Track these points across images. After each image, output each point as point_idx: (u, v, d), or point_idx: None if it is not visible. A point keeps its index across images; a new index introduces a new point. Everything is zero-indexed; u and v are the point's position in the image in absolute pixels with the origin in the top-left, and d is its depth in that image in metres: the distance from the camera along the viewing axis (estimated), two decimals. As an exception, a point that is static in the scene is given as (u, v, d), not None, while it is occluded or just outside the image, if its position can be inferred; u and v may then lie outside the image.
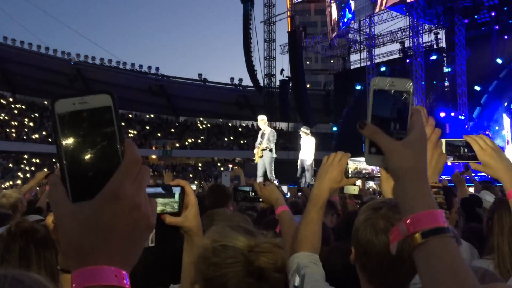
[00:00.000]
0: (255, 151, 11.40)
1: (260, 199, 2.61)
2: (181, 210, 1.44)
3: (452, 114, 25.42)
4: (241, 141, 44.61)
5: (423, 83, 24.91)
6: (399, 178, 0.90)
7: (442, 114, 25.48)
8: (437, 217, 0.87)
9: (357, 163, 2.07)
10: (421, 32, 26.31)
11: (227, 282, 1.28)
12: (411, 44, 26.89)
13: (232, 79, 45.66)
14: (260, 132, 11.46)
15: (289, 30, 31.13)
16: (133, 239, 0.63)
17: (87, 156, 0.64)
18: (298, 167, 12.54)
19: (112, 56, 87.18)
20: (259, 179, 10.83)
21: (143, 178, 0.65)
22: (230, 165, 37.43)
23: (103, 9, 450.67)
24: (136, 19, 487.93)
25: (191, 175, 36.80)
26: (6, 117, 41.82)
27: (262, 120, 11.51)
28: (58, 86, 43.61)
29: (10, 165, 38.09)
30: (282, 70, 33.84)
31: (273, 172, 11.25)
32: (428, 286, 0.84)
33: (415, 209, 0.87)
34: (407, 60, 27.36)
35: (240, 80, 45.15)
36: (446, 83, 27.54)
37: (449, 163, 1.55)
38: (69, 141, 0.64)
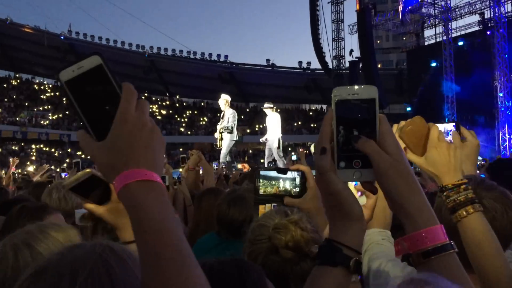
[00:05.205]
0: (216, 135, 10.41)
1: None
2: (302, 192, 1.62)
3: (541, 88, 23.52)
4: (311, 125, 44.27)
5: (506, 56, 23.22)
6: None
7: (529, 89, 23.65)
8: (437, 234, 0.85)
9: None
10: (502, 1, 24.42)
11: (257, 257, 1.41)
12: (491, 15, 25.11)
13: (300, 62, 45.40)
14: (222, 114, 10.37)
15: (358, 9, 30.10)
16: (151, 148, 0.79)
17: (97, 106, 0.80)
18: (266, 151, 11.16)
19: (183, 46, 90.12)
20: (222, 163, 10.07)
21: (144, 105, 0.80)
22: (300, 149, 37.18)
23: (172, 2, 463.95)
24: (204, 10, 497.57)
25: (262, 160, 37.15)
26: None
27: (223, 100, 10.30)
28: (134, 79, 45.68)
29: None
30: (352, 50, 33.05)
31: (227, 156, 10.25)
32: None
33: (416, 226, 0.86)
34: (488, 32, 25.53)
35: (309, 63, 44.74)
36: (533, 55, 25.43)
37: None
38: (80, 99, 0.80)
